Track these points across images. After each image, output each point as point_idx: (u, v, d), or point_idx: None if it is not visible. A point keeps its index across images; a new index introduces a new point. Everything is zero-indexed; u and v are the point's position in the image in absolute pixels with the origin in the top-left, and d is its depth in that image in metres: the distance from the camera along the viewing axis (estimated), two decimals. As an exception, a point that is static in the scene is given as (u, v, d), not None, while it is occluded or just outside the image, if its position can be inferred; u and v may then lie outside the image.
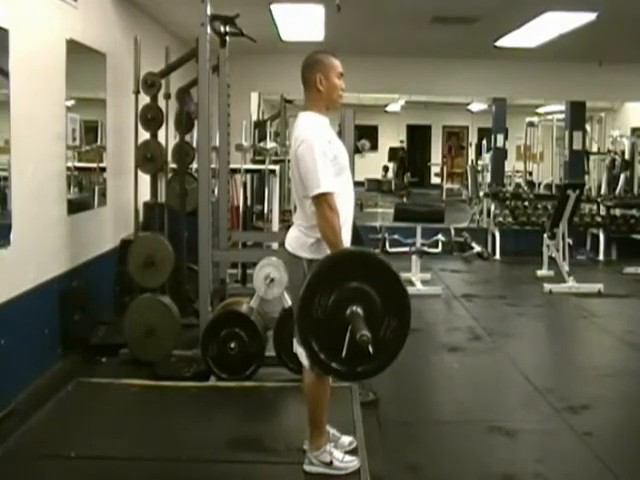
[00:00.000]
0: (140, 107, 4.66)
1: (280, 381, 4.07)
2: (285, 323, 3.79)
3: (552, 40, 7.12)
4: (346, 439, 3.20)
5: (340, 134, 5.87)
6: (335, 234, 2.78)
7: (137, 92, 4.62)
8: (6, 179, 3.82)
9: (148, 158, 4.64)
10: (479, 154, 13.91)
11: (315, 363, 2.71)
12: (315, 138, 2.83)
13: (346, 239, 2.89)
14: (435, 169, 20.42)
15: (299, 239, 2.96)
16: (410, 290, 7.43)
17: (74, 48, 4.57)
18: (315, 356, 2.65)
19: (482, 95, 12.51)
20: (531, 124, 12.99)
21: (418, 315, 6.29)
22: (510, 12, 6.16)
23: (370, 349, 2.47)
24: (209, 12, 4.21)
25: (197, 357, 4.23)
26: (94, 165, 5.36)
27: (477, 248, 9.33)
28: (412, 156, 20.70)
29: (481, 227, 10.14)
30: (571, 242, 7.97)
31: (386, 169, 19.88)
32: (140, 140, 4.69)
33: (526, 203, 9.81)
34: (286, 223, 6.44)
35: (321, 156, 2.79)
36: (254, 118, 9.45)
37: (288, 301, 3.91)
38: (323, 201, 2.78)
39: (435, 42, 7.84)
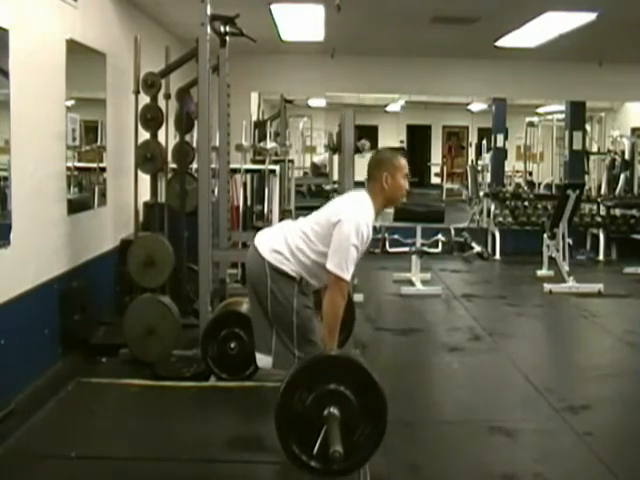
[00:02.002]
0: (140, 107, 4.66)
1: (280, 381, 4.02)
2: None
3: (552, 40, 7.12)
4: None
5: (340, 134, 5.87)
6: (335, 319, 2.92)
7: (137, 92, 4.62)
8: (6, 179, 3.83)
9: (148, 158, 4.63)
10: (479, 154, 13.89)
11: (289, 457, 2.73)
12: (364, 228, 2.93)
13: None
14: (435, 169, 20.42)
15: (275, 247, 3.01)
16: (410, 290, 7.50)
17: (74, 48, 4.57)
18: (290, 450, 2.68)
19: (482, 95, 12.52)
20: (531, 124, 13.00)
21: (418, 315, 6.30)
22: (510, 12, 6.16)
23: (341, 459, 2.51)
24: (209, 12, 4.21)
25: (197, 357, 4.23)
26: (94, 165, 5.36)
27: (477, 248, 9.35)
28: (412, 156, 20.66)
29: (481, 227, 10.14)
30: (571, 242, 7.97)
31: (386, 169, 19.85)
32: (140, 140, 4.69)
33: (526, 203, 9.82)
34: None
35: (356, 247, 2.91)
36: (254, 118, 9.46)
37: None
38: (338, 285, 2.90)
39: (435, 42, 7.84)
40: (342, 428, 2.57)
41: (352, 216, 2.94)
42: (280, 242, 3.03)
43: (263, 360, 3.10)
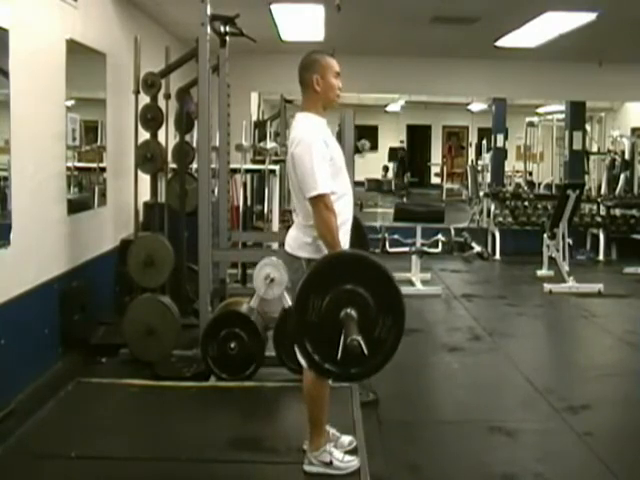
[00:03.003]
0: (140, 107, 4.66)
1: (280, 381, 4.06)
2: (285, 323, 3.79)
3: (552, 40, 7.12)
4: (346, 439, 3.20)
5: (340, 134, 5.87)
6: (332, 234, 2.79)
7: (137, 92, 4.62)
8: (6, 179, 3.83)
9: (148, 158, 4.64)
10: (479, 154, 13.90)
11: (309, 365, 2.71)
12: (312, 139, 2.84)
13: (344, 240, 2.90)
14: (435, 169, 20.43)
15: (298, 239, 2.97)
16: (410, 290, 7.51)
17: (74, 48, 4.57)
18: (309, 357, 2.65)
19: (482, 95, 12.52)
20: (531, 124, 13.00)
21: (418, 315, 6.29)
22: (510, 12, 6.17)
23: (365, 350, 2.46)
24: (209, 12, 4.21)
25: (197, 357, 4.23)
26: (94, 165, 5.36)
27: (477, 248, 9.35)
28: (412, 156, 20.70)
29: (481, 227, 10.14)
30: (571, 242, 7.96)
31: (386, 169, 19.87)
32: (140, 140, 4.70)
33: (526, 203, 9.82)
34: (286, 223, 6.45)
35: (318, 157, 2.80)
36: (254, 118, 9.46)
37: (288, 301, 3.91)
38: (320, 202, 2.79)
39: (435, 42, 7.84)
40: (361, 327, 2.50)
41: (296, 140, 2.86)
42: (295, 230, 2.99)
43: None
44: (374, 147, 18.61)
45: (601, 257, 9.24)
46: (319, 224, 2.80)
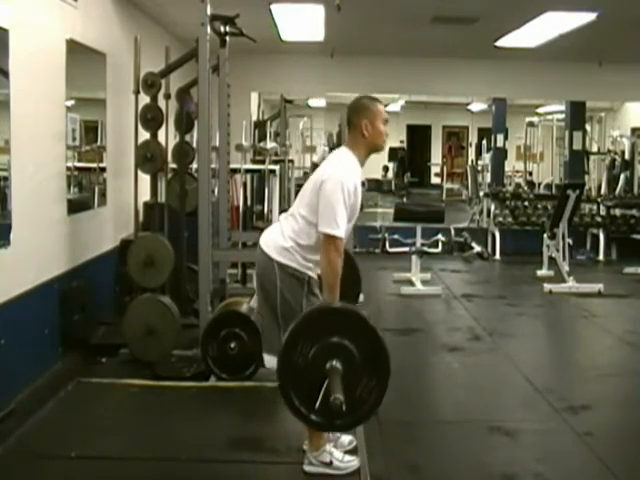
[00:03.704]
0: (140, 107, 4.66)
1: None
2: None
3: (552, 40, 7.12)
4: (346, 438, 3.21)
5: (340, 134, 5.87)
6: (335, 277, 2.87)
7: (137, 92, 4.62)
8: (6, 179, 3.82)
9: (148, 158, 4.63)
10: (479, 154, 13.90)
11: (290, 409, 2.73)
12: (346, 182, 2.89)
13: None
14: (435, 169, 20.43)
15: (277, 241, 3.00)
16: (410, 290, 7.49)
17: (74, 48, 4.57)
18: (291, 403, 2.67)
19: (482, 95, 12.52)
20: (531, 124, 13.00)
21: (418, 315, 6.30)
22: (510, 12, 6.16)
23: (343, 407, 2.49)
24: (209, 12, 4.21)
25: (197, 357, 4.23)
26: (94, 165, 5.36)
27: (477, 248, 9.35)
28: (412, 156, 20.70)
29: (481, 227, 10.14)
30: (571, 242, 7.97)
31: (386, 169, 19.87)
32: (140, 140, 4.69)
33: (526, 203, 9.82)
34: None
35: (344, 201, 2.88)
36: (254, 118, 9.46)
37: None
38: (332, 243, 2.86)
39: (435, 42, 7.84)
40: (344, 382, 2.53)
41: (333, 174, 2.91)
42: (278, 234, 3.02)
43: (271, 362, 3.06)
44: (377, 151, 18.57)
45: (601, 257, 9.24)
46: (325, 264, 2.88)
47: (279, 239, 3.00)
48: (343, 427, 2.78)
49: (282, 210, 7.14)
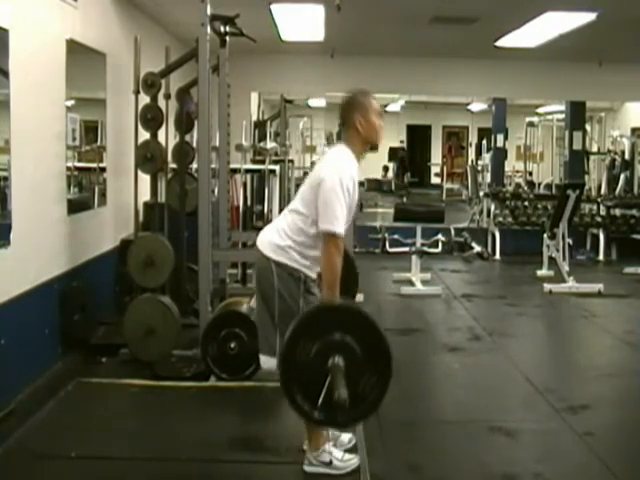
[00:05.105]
0: (140, 107, 4.66)
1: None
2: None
3: (552, 40, 7.12)
4: (345, 437, 3.21)
5: (340, 134, 5.88)
6: (334, 275, 2.87)
7: (137, 92, 4.62)
8: (6, 179, 3.82)
9: (148, 158, 4.64)
10: (479, 154, 13.90)
11: (292, 406, 2.71)
12: (345, 179, 2.89)
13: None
14: (435, 169, 20.43)
15: (273, 240, 3.00)
16: (410, 290, 7.48)
17: (74, 48, 4.57)
18: (293, 400, 2.66)
19: (482, 95, 12.53)
20: (531, 124, 13.00)
21: (418, 315, 6.30)
22: (510, 12, 6.17)
23: (347, 403, 2.49)
24: (209, 12, 4.21)
25: (197, 357, 4.23)
26: (94, 165, 5.36)
27: (477, 248, 9.35)
28: (412, 156, 20.70)
29: (481, 227, 10.14)
30: (571, 242, 7.97)
31: (386, 169, 19.88)
32: (140, 140, 4.69)
33: (526, 203, 9.82)
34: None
35: (343, 199, 2.88)
36: (254, 118, 9.46)
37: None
38: (332, 241, 2.86)
39: (435, 42, 7.84)
40: (347, 378, 2.53)
41: (331, 172, 2.91)
42: (275, 233, 3.02)
43: (267, 362, 3.07)
44: (374, 148, 18.58)
45: (601, 257, 9.24)
46: (325, 261, 2.88)
47: (275, 238, 3.00)
48: (345, 424, 2.77)
49: (282, 210, 7.16)
